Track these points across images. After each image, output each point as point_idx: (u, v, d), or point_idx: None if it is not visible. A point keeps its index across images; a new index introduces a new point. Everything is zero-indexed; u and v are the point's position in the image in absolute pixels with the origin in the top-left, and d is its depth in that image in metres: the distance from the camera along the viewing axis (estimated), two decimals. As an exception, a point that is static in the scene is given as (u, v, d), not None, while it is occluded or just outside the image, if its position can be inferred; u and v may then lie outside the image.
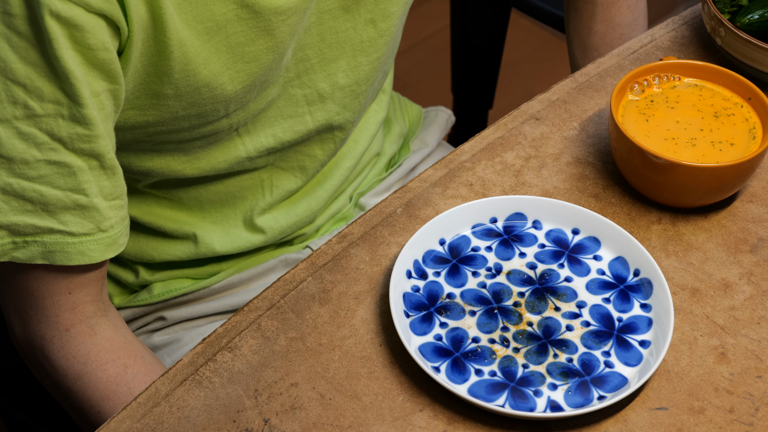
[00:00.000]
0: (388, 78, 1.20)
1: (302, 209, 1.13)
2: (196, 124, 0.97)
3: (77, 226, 0.88)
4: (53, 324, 0.93)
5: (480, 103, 1.55)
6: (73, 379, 0.94)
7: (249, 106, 0.99)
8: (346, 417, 0.82)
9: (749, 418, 0.82)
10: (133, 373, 0.96)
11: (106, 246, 0.90)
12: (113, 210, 0.89)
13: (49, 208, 0.86)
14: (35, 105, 0.83)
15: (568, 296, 0.89)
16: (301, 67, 1.02)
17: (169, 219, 1.09)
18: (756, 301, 0.90)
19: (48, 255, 0.88)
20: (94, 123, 0.85)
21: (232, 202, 1.11)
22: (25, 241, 0.87)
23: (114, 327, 0.96)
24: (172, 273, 1.14)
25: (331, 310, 0.89)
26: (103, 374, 0.94)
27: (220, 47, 0.91)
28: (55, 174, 0.85)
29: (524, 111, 1.05)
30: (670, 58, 1.03)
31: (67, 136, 0.84)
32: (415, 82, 2.43)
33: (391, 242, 0.94)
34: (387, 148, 1.24)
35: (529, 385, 0.83)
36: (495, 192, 0.98)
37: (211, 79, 0.92)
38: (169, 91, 0.91)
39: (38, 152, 0.84)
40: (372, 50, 1.06)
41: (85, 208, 0.88)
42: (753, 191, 0.99)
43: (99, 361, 0.94)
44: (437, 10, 2.58)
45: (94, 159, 0.86)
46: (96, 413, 0.95)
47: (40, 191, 0.86)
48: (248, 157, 1.05)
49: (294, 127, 1.06)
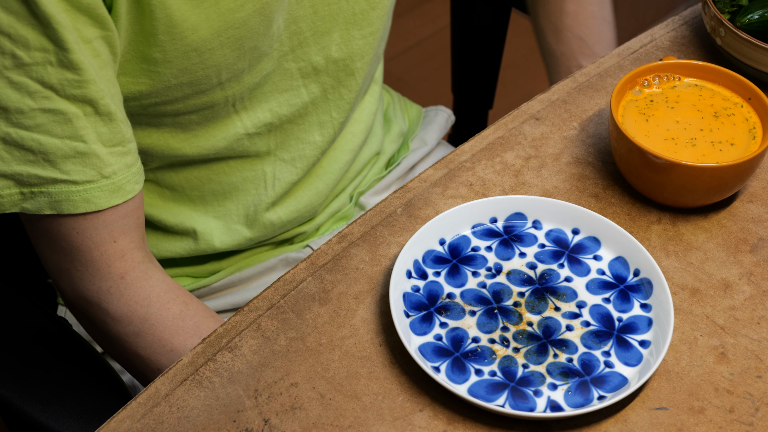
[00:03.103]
0: (378, 68, 1.20)
1: (302, 203, 1.13)
2: (189, 94, 0.97)
3: (79, 174, 0.89)
4: (106, 275, 0.94)
5: (480, 103, 1.55)
6: (140, 322, 0.95)
7: (243, 78, 1.00)
8: (346, 417, 0.82)
9: (749, 418, 0.82)
10: (195, 308, 0.98)
11: (111, 192, 0.91)
12: (114, 156, 0.91)
13: (50, 157, 0.88)
14: (22, 54, 0.84)
15: (568, 296, 0.89)
16: (295, 41, 1.03)
17: (170, 212, 1.10)
18: (756, 301, 0.90)
19: (55, 204, 0.90)
20: (83, 68, 0.86)
21: (235, 195, 1.11)
22: (32, 192, 0.89)
23: (162, 271, 0.98)
24: (172, 271, 1.14)
25: (331, 310, 0.89)
26: (168, 313, 0.96)
27: (211, 14, 0.92)
28: (51, 122, 0.87)
29: (524, 111, 1.05)
30: (670, 58, 1.03)
31: (58, 83, 0.86)
32: (415, 82, 2.43)
33: (391, 242, 0.94)
34: (386, 146, 1.24)
35: (529, 385, 0.83)
36: (495, 192, 0.98)
37: (199, 44, 0.93)
38: (157, 54, 0.92)
39: (32, 101, 0.85)
40: (365, 23, 1.07)
41: (84, 155, 0.89)
42: (753, 191, 0.99)
43: (161, 301, 0.96)
44: (437, 10, 2.58)
45: (87, 105, 0.88)
46: (168, 351, 0.96)
47: (39, 140, 0.87)
48: (246, 133, 1.06)
49: (290, 100, 1.07)
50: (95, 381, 1.06)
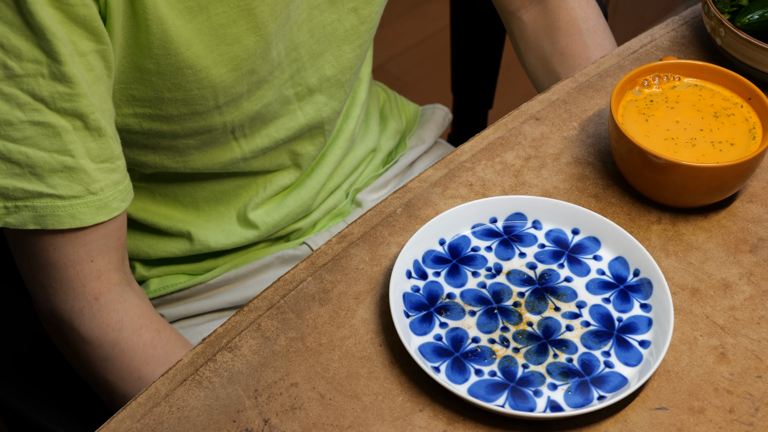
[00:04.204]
0: (365, 65, 1.20)
1: (294, 201, 1.13)
2: (185, 113, 0.96)
3: (66, 189, 0.88)
4: (81, 294, 0.93)
5: (480, 103, 1.55)
6: (109, 347, 0.94)
7: (242, 104, 1.00)
8: (346, 417, 0.82)
9: (749, 418, 0.82)
10: (167, 337, 0.96)
11: (97, 209, 0.90)
12: (102, 173, 0.89)
13: (37, 171, 0.86)
14: (14, 65, 0.83)
15: (568, 296, 0.89)
16: (294, 67, 1.03)
17: (163, 216, 1.10)
18: (756, 301, 0.90)
19: (39, 219, 0.88)
20: (75, 81, 0.85)
21: (227, 199, 1.11)
22: (16, 206, 0.87)
23: (140, 295, 0.97)
24: (168, 269, 1.14)
25: (331, 310, 0.89)
26: (139, 339, 0.95)
27: (203, 28, 0.92)
28: (40, 135, 0.85)
29: (524, 111, 1.05)
30: (670, 58, 1.03)
31: (49, 96, 0.84)
32: (414, 82, 2.43)
33: (391, 242, 0.94)
34: (383, 144, 1.25)
35: (529, 385, 0.83)
36: (495, 192, 0.98)
37: (194, 60, 0.92)
38: (150, 65, 0.91)
39: (21, 113, 0.84)
40: (354, 38, 1.07)
41: (72, 170, 0.87)
42: (753, 191, 0.99)
43: (134, 326, 0.95)
44: (437, 10, 2.58)
45: (77, 119, 0.86)
46: (136, 379, 0.95)
47: (26, 153, 0.86)
48: (243, 157, 1.06)
49: (286, 124, 1.06)
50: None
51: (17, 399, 1.03)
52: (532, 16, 1.18)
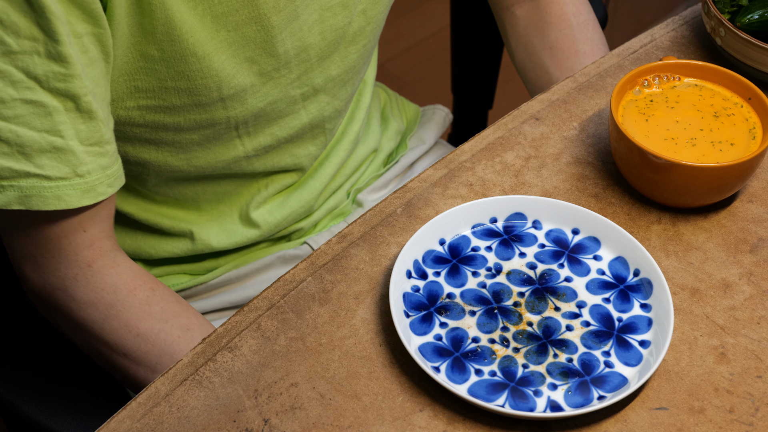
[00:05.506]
0: (370, 68, 1.20)
1: (296, 201, 1.13)
2: (188, 104, 0.97)
3: (53, 170, 0.87)
4: (74, 262, 0.93)
5: (480, 103, 1.55)
6: (106, 308, 0.95)
7: (247, 100, 1.00)
8: (346, 417, 0.82)
9: (749, 418, 0.82)
10: (161, 293, 0.97)
11: (83, 192, 0.89)
12: (91, 156, 0.89)
13: (26, 150, 0.86)
14: (11, 41, 0.82)
15: (568, 296, 0.89)
16: (302, 68, 1.03)
17: (165, 216, 1.10)
18: (756, 301, 0.90)
19: (24, 200, 0.88)
20: (70, 61, 0.84)
21: (229, 200, 1.11)
22: (2, 185, 0.87)
23: (129, 259, 0.98)
24: (170, 269, 1.14)
25: (331, 310, 0.89)
26: (135, 299, 0.95)
27: (206, 15, 0.92)
28: (31, 114, 0.85)
29: (524, 111, 1.05)
30: (670, 58, 1.03)
31: (43, 74, 0.84)
32: (414, 82, 2.43)
33: (391, 242, 0.94)
34: (384, 144, 1.25)
35: (529, 385, 0.83)
36: (495, 192, 0.98)
37: (197, 48, 0.93)
38: (155, 52, 0.91)
39: (14, 90, 0.84)
40: (360, 38, 1.07)
41: (61, 151, 0.87)
42: (753, 191, 0.99)
43: (128, 287, 0.95)
44: (437, 10, 2.58)
45: (69, 100, 0.86)
46: (135, 336, 0.95)
47: (16, 132, 0.85)
48: (246, 155, 1.06)
49: (290, 123, 1.07)
50: (95, 381, 1.06)
51: (17, 399, 1.03)
52: (525, 11, 1.18)
